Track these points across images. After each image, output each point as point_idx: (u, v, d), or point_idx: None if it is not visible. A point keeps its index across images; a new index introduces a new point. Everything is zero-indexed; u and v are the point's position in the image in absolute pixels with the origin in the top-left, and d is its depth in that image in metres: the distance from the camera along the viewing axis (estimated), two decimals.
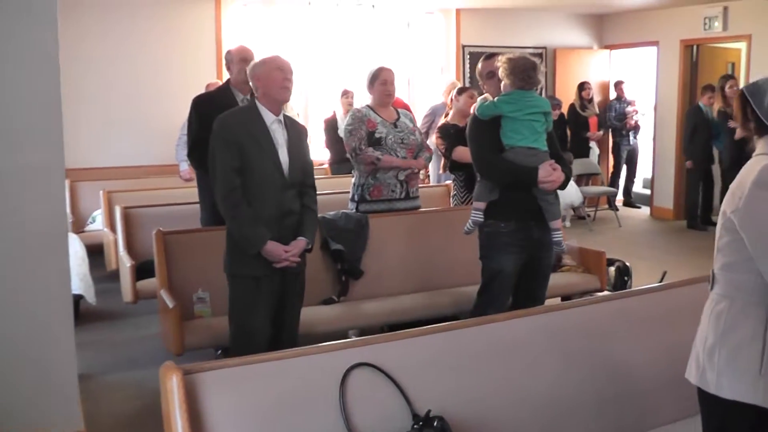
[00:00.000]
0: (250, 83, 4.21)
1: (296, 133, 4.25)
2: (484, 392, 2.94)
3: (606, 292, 6.06)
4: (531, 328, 3.21)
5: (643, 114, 12.31)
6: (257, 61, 4.20)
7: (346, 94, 9.19)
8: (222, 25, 9.80)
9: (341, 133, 8.83)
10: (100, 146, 9.23)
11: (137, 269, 5.75)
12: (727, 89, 8.91)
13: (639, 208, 12.54)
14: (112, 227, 6.65)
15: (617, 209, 11.69)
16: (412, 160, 5.62)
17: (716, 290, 2.59)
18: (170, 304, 4.48)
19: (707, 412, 2.62)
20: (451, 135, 6.24)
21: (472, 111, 6.30)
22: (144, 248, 5.94)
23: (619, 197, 12.47)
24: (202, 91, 8.33)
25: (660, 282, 6.17)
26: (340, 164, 8.99)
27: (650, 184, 12.31)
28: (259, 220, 4.01)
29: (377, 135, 5.50)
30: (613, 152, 12.48)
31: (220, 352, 5.30)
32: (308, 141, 4.47)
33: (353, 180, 5.72)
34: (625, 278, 6.25)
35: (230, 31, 9.85)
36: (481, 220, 4.57)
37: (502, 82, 4.55)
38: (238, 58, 5.27)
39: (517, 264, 4.58)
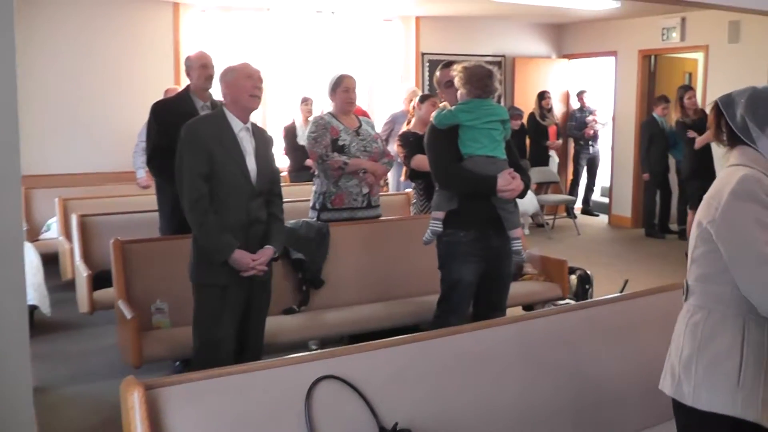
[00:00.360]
0: (221, 90, 4.18)
1: (263, 141, 4.23)
2: (452, 404, 2.92)
3: (568, 301, 6.08)
4: (498, 339, 3.19)
5: (603, 123, 12.40)
6: (227, 68, 4.16)
7: (305, 101, 9.16)
8: (180, 31, 9.70)
9: (300, 140, 8.83)
10: (56, 152, 9.05)
11: (94, 279, 5.64)
12: (685, 100, 8.98)
13: (597, 216, 12.64)
14: (68, 236, 6.53)
15: (575, 217, 11.75)
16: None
17: (692, 301, 2.58)
18: (128, 315, 4.39)
19: (683, 424, 2.60)
20: (411, 143, 6.21)
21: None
22: (101, 257, 5.83)
23: (578, 205, 12.55)
24: (161, 96, 8.26)
25: (621, 291, 6.22)
26: (299, 172, 8.94)
27: (608, 192, 12.41)
28: (226, 228, 3.98)
29: (340, 142, 5.46)
30: (573, 161, 12.57)
31: (178, 363, 5.23)
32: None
33: (314, 188, 5.67)
34: (587, 286, 6.26)
35: (188, 37, 9.76)
36: (440, 229, 4.55)
37: (459, 91, 4.54)
38: (198, 65, 5.20)
39: (477, 273, 4.57)
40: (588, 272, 6.33)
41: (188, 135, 4.01)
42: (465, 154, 4.46)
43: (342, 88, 5.55)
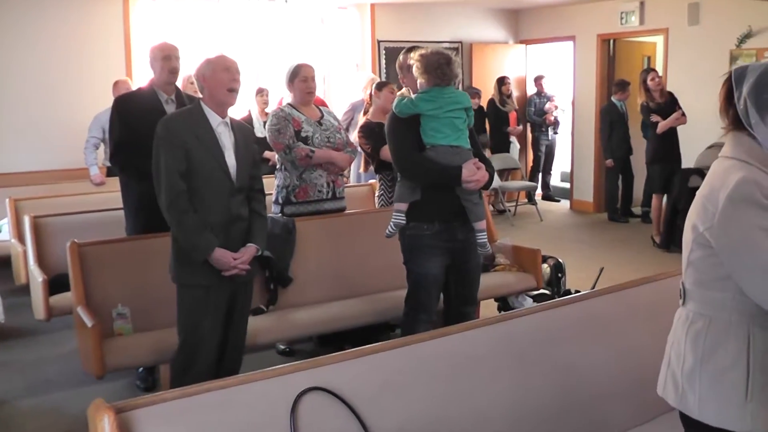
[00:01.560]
0: (195, 83, 4.04)
1: (243, 135, 4.08)
2: (444, 410, 2.76)
3: (543, 291, 5.95)
4: (487, 339, 3.04)
5: (563, 110, 12.34)
6: (203, 61, 3.99)
7: (261, 92, 8.91)
8: (131, 21, 9.37)
9: (258, 132, 8.58)
10: (3, 151, 8.71)
11: (50, 283, 5.35)
12: (649, 82, 8.87)
13: (558, 201, 12.58)
14: (21, 238, 6.22)
15: (536, 203, 11.64)
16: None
17: (691, 307, 2.40)
18: (89, 323, 4.13)
19: None
20: (376, 134, 6.03)
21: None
22: (57, 260, 5.55)
23: (538, 191, 12.45)
24: (110, 89, 8.02)
25: (597, 279, 6.10)
26: None
27: (569, 177, 12.33)
28: (206, 226, 3.84)
29: (303, 134, 5.28)
30: (532, 147, 12.49)
31: (142, 370, 5.00)
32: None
33: (277, 182, 5.48)
34: (559, 275, 6.13)
35: (139, 28, 9.44)
36: (404, 222, 4.39)
37: (418, 80, 4.37)
38: (161, 56, 4.91)
39: (443, 266, 4.44)
40: (560, 260, 6.19)
41: (164, 131, 3.87)
42: (427, 143, 4.31)
43: (300, 77, 5.36)
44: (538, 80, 12.38)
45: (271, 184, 7.00)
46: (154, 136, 3.88)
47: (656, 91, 8.91)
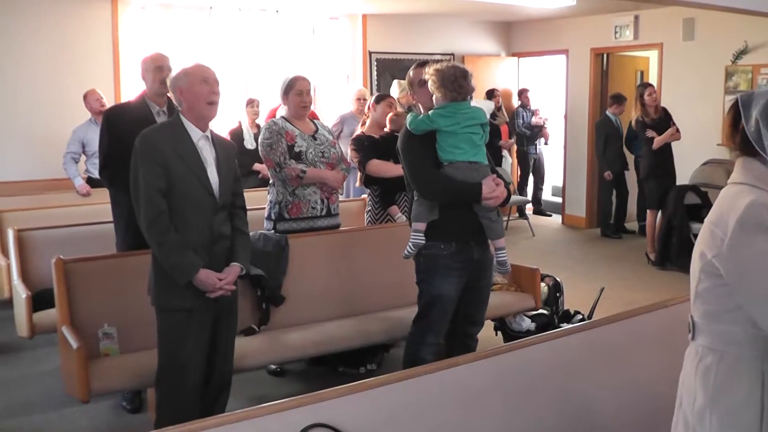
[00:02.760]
0: (172, 96, 3.84)
1: (224, 150, 3.92)
2: None
3: (542, 311, 5.81)
4: (495, 370, 2.91)
5: (545, 120, 12.22)
6: (179, 72, 3.82)
7: (251, 103, 8.75)
8: (119, 30, 9.18)
9: (247, 144, 8.44)
10: None
11: (34, 298, 5.12)
12: (646, 97, 8.74)
13: (550, 216, 12.45)
14: (4, 252, 6.02)
15: (527, 218, 11.51)
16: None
17: (700, 341, 2.25)
18: (74, 344, 3.94)
19: None
20: (366, 147, 5.91)
21: (388, 121, 6.03)
22: (41, 275, 5.36)
23: (529, 205, 12.32)
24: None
25: (597, 300, 5.96)
26: (246, 177, 8.49)
27: (561, 192, 12.21)
28: (189, 246, 3.66)
29: (297, 149, 5.12)
30: (519, 160, 12.37)
31: (128, 391, 4.81)
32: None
33: (269, 197, 5.32)
34: (557, 294, 5.98)
35: (128, 36, 9.25)
36: (423, 242, 4.23)
37: (434, 95, 4.21)
38: (153, 67, 4.76)
39: (459, 287, 4.29)
40: (558, 279, 6.05)
41: (143, 147, 3.68)
42: (445, 160, 4.17)
43: (295, 91, 5.20)
44: (523, 93, 12.27)
45: (261, 198, 6.89)
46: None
47: (652, 106, 8.80)
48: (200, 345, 3.79)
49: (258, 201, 6.92)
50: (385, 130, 5.97)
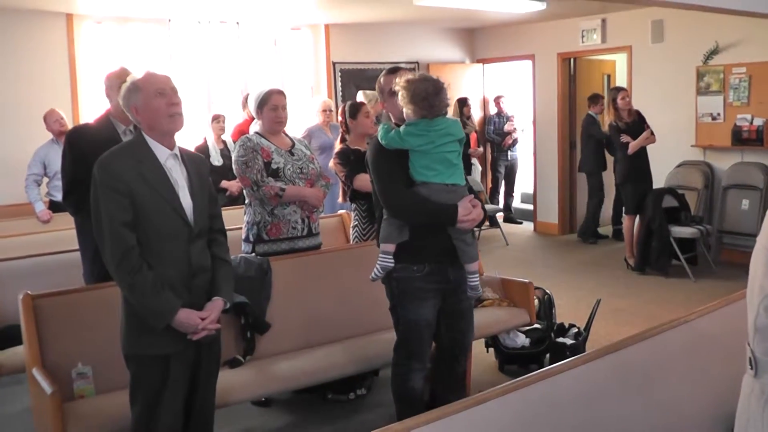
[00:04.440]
0: (130, 115, 3.38)
1: (196, 167, 3.46)
2: None
3: (536, 326, 5.54)
4: (524, 403, 2.62)
5: (522, 129, 12.04)
6: (129, 87, 3.34)
7: (216, 118, 8.39)
8: (76, 45, 8.77)
9: (214, 161, 8.10)
10: None
11: None
12: (619, 101, 8.54)
13: (521, 223, 12.24)
14: None
15: (500, 227, 11.25)
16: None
17: (766, 380, 1.96)
18: (48, 389, 3.56)
19: None
20: (352, 161, 5.61)
21: (370, 135, 5.73)
22: (6, 310, 4.91)
23: (499, 214, 12.08)
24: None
25: (594, 312, 5.72)
26: None
27: (532, 198, 11.98)
28: (165, 284, 3.21)
29: (274, 165, 4.82)
30: (491, 168, 12.16)
31: None
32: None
33: (246, 218, 5.00)
34: (550, 307, 5.73)
35: (85, 51, 8.85)
36: (392, 265, 3.90)
37: (404, 110, 3.86)
38: (118, 84, 4.38)
39: (435, 310, 3.99)
40: (548, 292, 5.79)
41: (102, 175, 3.21)
42: (418, 181, 3.83)
43: (269, 105, 4.91)
44: (497, 99, 12.08)
45: (233, 218, 6.55)
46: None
47: (625, 110, 8.61)
48: (179, 391, 3.37)
49: (229, 221, 6.54)
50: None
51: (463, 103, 11.26)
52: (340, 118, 5.99)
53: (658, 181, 9.01)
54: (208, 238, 3.48)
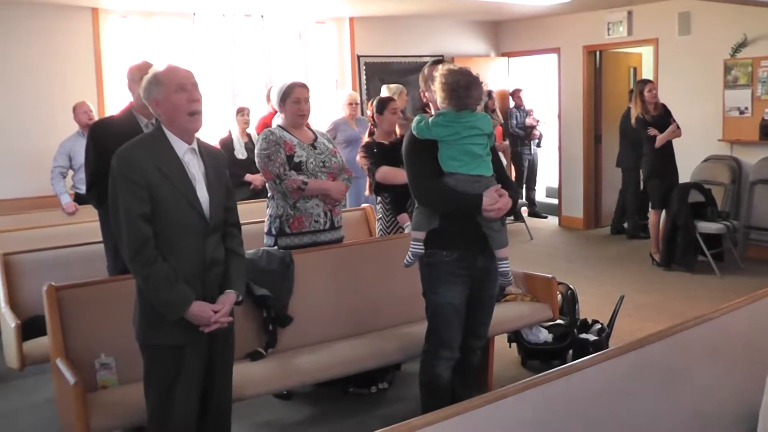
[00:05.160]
0: (150, 107, 3.38)
1: (214, 161, 3.47)
2: None
3: (559, 321, 5.52)
4: (546, 399, 2.63)
5: (544, 122, 11.96)
6: (150, 79, 3.34)
7: (241, 111, 8.41)
8: (101, 39, 8.82)
9: (238, 154, 8.12)
10: None
11: (23, 327, 4.74)
12: (646, 93, 8.45)
13: (545, 218, 12.19)
14: None
15: (524, 221, 11.21)
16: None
17: None
18: (71, 379, 3.59)
19: None
20: (375, 154, 5.64)
21: (397, 126, 5.76)
22: (30, 301, 4.98)
23: (523, 208, 12.03)
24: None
25: (617, 308, 5.69)
26: (238, 189, 8.18)
27: (557, 193, 11.93)
28: (179, 276, 3.24)
29: (296, 159, 4.82)
30: (514, 162, 12.10)
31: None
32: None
33: (268, 211, 5.00)
34: (574, 303, 5.69)
35: (110, 45, 8.92)
36: (422, 251, 4.03)
37: (438, 99, 3.99)
38: (139, 76, 4.37)
39: (464, 296, 4.06)
40: (572, 287, 5.76)
41: (121, 166, 3.23)
42: (446, 170, 3.93)
43: (292, 99, 4.90)
44: (515, 93, 12.04)
45: (256, 211, 6.57)
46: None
47: (651, 103, 8.52)
48: (193, 383, 3.38)
49: (251, 214, 6.61)
50: (395, 135, 5.71)
51: (487, 95, 11.20)
52: (368, 113, 6.03)
53: (684, 176, 8.91)
54: (222, 232, 3.50)
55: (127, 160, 3.24)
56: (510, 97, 12.21)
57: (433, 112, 4.26)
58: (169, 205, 3.23)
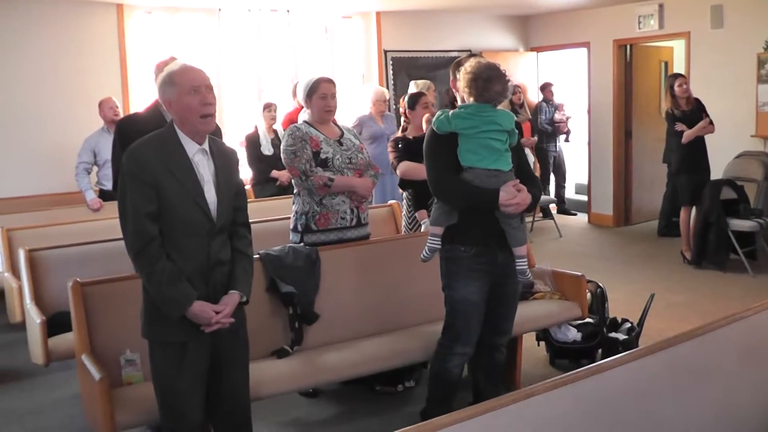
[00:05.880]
0: (163, 105, 3.42)
1: (224, 162, 3.46)
2: None
3: (588, 320, 5.50)
4: (574, 398, 2.61)
5: (569, 117, 11.85)
6: (164, 79, 3.35)
7: (268, 107, 8.43)
8: (126, 35, 8.90)
9: (265, 150, 8.15)
10: None
11: (48, 323, 4.79)
12: (676, 87, 8.37)
13: (575, 215, 12.12)
14: (16, 272, 5.70)
15: (553, 218, 11.16)
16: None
17: None
18: (96, 375, 3.63)
19: None
20: (400, 149, 5.67)
21: (424, 122, 5.77)
22: (55, 297, 5.05)
23: (552, 205, 11.96)
24: None
25: (647, 307, 5.66)
26: (264, 185, 8.25)
27: (587, 190, 11.87)
28: (183, 275, 3.28)
29: (322, 155, 4.82)
30: (539, 158, 12.02)
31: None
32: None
33: (294, 207, 5.01)
34: (603, 301, 5.66)
35: (135, 41, 9.00)
36: (439, 246, 4.08)
37: (462, 91, 4.03)
38: None
39: (483, 293, 4.08)
40: (601, 285, 5.73)
41: (130, 165, 3.25)
42: (464, 165, 3.95)
43: (319, 94, 4.89)
44: (545, 88, 11.95)
45: (282, 207, 6.59)
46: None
47: (682, 98, 8.44)
48: (193, 381, 3.41)
49: (277, 210, 6.65)
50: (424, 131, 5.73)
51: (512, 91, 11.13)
52: (401, 109, 6.06)
53: (716, 172, 8.83)
54: (230, 232, 3.51)
55: (137, 158, 3.26)
56: (540, 91, 12.13)
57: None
58: (176, 204, 3.26)
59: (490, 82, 3.91)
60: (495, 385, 4.40)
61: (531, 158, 11.40)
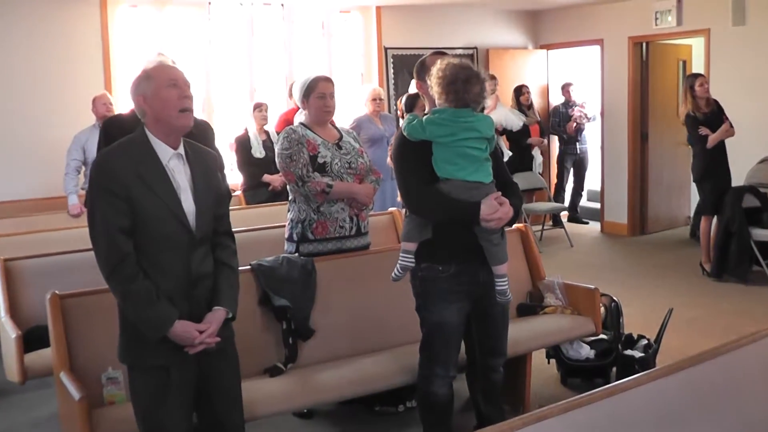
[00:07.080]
0: (135, 105, 3.34)
1: (202, 167, 3.39)
2: None
3: (602, 337, 5.48)
4: (591, 421, 2.60)
5: (590, 118, 11.77)
6: (140, 75, 3.32)
7: (259, 107, 8.43)
8: (109, 30, 8.89)
9: (256, 153, 8.14)
10: None
11: (24, 338, 4.77)
12: (697, 87, 8.36)
13: (587, 223, 12.10)
14: None
15: (563, 227, 11.16)
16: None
17: None
18: (76, 394, 3.61)
19: None
20: None
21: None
22: (32, 310, 5.03)
23: (563, 212, 11.95)
24: (88, 105, 7.61)
25: (665, 322, 5.65)
26: (255, 190, 8.23)
27: (599, 196, 11.86)
28: (161, 294, 3.20)
29: (320, 160, 4.82)
30: (558, 162, 11.99)
31: None
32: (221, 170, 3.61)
33: (290, 215, 5.01)
34: (618, 317, 5.65)
35: (119, 37, 8.99)
36: (412, 264, 3.96)
37: (434, 95, 3.90)
38: None
39: (463, 314, 4.02)
40: (616, 299, 5.72)
41: (98, 175, 3.18)
42: (440, 176, 3.84)
43: (316, 94, 4.90)
44: (565, 88, 11.89)
45: (276, 214, 6.58)
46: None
47: (702, 99, 8.43)
48: (181, 405, 3.33)
49: (271, 218, 6.64)
50: None
51: (518, 91, 11.12)
52: (398, 111, 6.04)
53: (738, 179, 8.82)
54: (212, 242, 3.44)
55: (105, 168, 3.20)
56: (558, 93, 12.11)
57: (427, 109, 4.18)
58: (151, 217, 3.18)
59: (469, 83, 3.79)
60: (495, 405, 4.38)
61: (539, 159, 11.36)
